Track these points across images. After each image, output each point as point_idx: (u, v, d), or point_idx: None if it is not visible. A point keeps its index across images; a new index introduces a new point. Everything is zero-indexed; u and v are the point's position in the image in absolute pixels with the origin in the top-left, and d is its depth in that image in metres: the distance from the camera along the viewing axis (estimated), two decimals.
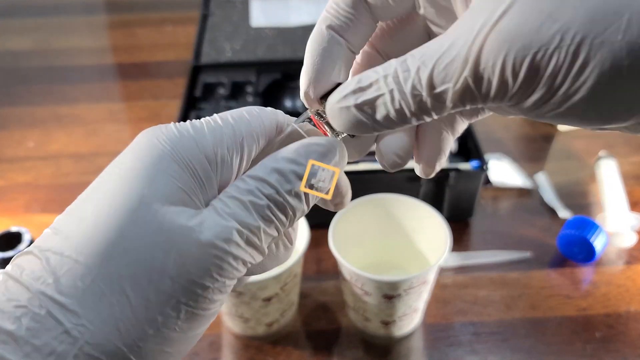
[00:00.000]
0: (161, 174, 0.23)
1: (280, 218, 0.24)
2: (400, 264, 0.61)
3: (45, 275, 0.22)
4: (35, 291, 0.21)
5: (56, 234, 0.23)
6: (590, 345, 0.57)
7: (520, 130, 0.85)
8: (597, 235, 0.62)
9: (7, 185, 0.77)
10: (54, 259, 0.22)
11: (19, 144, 0.84)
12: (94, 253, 0.22)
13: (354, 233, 0.58)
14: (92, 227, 0.22)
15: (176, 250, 0.22)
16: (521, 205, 0.73)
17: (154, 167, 0.23)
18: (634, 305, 0.60)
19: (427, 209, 0.56)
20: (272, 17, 0.97)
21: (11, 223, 0.70)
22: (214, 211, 0.23)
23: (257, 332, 0.57)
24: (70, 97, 0.93)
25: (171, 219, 0.23)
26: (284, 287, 0.53)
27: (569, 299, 0.61)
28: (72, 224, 0.23)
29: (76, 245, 0.22)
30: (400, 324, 0.56)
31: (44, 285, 0.21)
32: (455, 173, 0.65)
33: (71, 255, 0.22)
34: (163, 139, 0.24)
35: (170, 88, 0.94)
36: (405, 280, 0.50)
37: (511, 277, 0.64)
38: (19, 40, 1.08)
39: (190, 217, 0.23)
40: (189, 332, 0.23)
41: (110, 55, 1.05)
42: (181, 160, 0.24)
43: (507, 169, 0.75)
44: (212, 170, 0.24)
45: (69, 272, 0.21)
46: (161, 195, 0.23)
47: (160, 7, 1.16)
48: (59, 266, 0.22)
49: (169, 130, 0.24)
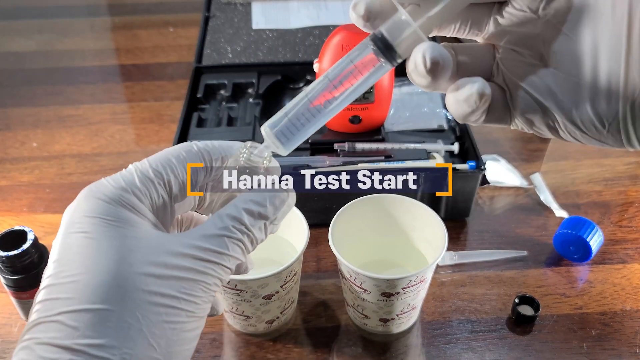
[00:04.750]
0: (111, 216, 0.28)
1: (247, 245, 0.31)
2: (399, 262, 0.62)
3: (69, 331, 0.25)
4: (70, 345, 0.25)
5: (56, 299, 0.26)
6: (586, 343, 0.58)
7: (517, 131, 0.85)
8: (593, 235, 0.63)
9: (11, 185, 0.78)
10: (70, 317, 0.25)
11: (23, 144, 0.85)
12: (107, 298, 0.26)
13: (353, 232, 0.58)
14: (93, 282, 0.26)
15: (163, 270, 0.28)
16: (518, 205, 0.74)
17: (102, 214, 0.28)
18: (629, 304, 0.61)
19: (425, 208, 0.57)
20: (273, 20, 0.98)
21: (15, 222, 0.71)
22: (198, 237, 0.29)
23: (258, 329, 0.58)
24: (73, 98, 0.94)
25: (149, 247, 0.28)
26: (284, 285, 0.54)
27: (565, 297, 0.62)
28: (67, 286, 0.26)
29: (88, 298, 0.26)
30: (398, 322, 0.57)
31: (76, 339, 0.25)
32: (453, 173, 0.65)
33: (87, 307, 0.26)
34: (102, 195, 0.29)
35: (172, 89, 0.95)
36: (404, 278, 0.50)
37: (508, 276, 0.65)
38: (23, 41, 1.09)
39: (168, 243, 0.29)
40: (195, 331, 0.29)
41: (113, 56, 1.06)
42: (123, 206, 0.29)
43: (504, 169, 0.76)
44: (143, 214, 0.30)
45: (92, 320, 0.25)
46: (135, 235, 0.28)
47: (163, 10, 1.17)
48: (80, 319, 0.25)
49: (103, 186, 0.30)
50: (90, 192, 0.29)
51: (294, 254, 0.53)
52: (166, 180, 0.31)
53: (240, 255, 0.30)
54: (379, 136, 0.71)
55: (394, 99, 0.76)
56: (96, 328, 0.25)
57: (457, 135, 0.74)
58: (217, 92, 0.83)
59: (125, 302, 0.26)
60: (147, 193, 0.30)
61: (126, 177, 0.30)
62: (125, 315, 0.26)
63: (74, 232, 0.28)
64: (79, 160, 0.81)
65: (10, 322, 0.61)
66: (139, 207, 0.29)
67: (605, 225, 0.70)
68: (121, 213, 0.28)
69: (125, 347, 0.25)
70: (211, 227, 0.30)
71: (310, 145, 0.70)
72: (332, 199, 0.66)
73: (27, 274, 0.56)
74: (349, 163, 0.67)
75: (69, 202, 0.29)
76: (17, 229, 0.56)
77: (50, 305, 0.26)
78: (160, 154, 0.32)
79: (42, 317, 0.26)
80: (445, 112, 0.77)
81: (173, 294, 0.27)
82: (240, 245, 0.30)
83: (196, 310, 0.29)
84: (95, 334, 0.25)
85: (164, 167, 0.31)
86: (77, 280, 0.26)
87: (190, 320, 0.28)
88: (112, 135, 0.86)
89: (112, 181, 0.30)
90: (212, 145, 0.33)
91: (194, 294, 0.28)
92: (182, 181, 0.31)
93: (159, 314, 0.27)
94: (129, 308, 0.26)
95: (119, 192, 0.29)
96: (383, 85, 0.68)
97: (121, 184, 0.29)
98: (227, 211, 0.30)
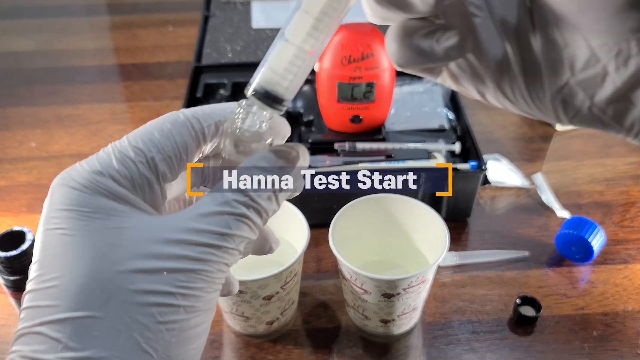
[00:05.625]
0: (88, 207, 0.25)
1: (255, 221, 0.26)
2: (399, 263, 0.62)
3: (52, 343, 0.22)
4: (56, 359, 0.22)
5: (37, 307, 0.23)
6: (588, 344, 0.57)
7: (519, 131, 0.86)
8: (594, 235, 0.63)
9: (10, 185, 0.77)
10: (52, 327, 0.23)
11: (22, 144, 0.84)
12: (89, 303, 0.23)
13: (353, 232, 0.58)
14: (73, 286, 0.23)
15: (153, 263, 0.24)
16: (519, 205, 0.73)
17: (77, 205, 0.25)
18: (631, 304, 0.61)
19: (425, 208, 0.56)
20: (273, 19, 0.98)
21: (14, 223, 0.71)
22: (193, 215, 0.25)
23: (258, 330, 0.58)
24: (72, 97, 0.94)
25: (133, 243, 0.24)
26: (284, 286, 0.54)
27: (567, 298, 0.62)
28: (47, 292, 0.24)
29: (68, 305, 0.23)
30: (399, 323, 0.56)
31: (59, 352, 0.22)
32: (454, 173, 0.65)
33: (69, 316, 0.23)
34: (75, 183, 0.26)
35: (171, 89, 0.95)
36: (404, 279, 0.50)
37: (509, 276, 0.64)
38: (22, 41, 1.09)
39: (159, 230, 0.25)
40: (202, 326, 0.25)
41: (113, 56, 1.06)
42: (101, 193, 0.25)
43: (505, 169, 0.76)
44: (137, 194, 0.26)
45: (75, 330, 0.22)
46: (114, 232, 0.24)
47: (162, 9, 1.17)
48: (62, 330, 0.23)
49: (76, 171, 0.26)
50: (62, 180, 0.26)
51: (294, 255, 0.53)
52: (149, 157, 0.26)
53: (248, 233, 0.26)
54: (380, 136, 0.71)
55: (395, 99, 0.76)
56: (80, 339, 0.22)
57: (459, 135, 0.73)
58: (217, 92, 0.82)
59: (111, 306, 0.23)
60: (127, 175, 0.26)
61: (102, 159, 0.26)
62: (112, 322, 0.23)
63: (51, 228, 0.25)
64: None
65: (10, 322, 0.61)
66: (119, 193, 0.25)
67: (607, 225, 0.70)
68: (99, 202, 0.25)
69: (115, 358, 0.22)
70: (209, 204, 0.25)
71: (311, 145, 0.70)
72: (332, 199, 0.65)
73: (26, 274, 0.55)
74: (349, 163, 0.67)
75: None
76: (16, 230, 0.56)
77: (33, 313, 0.23)
78: (141, 128, 0.27)
79: (25, 327, 0.23)
80: (447, 111, 0.76)
81: (166, 290, 0.23)
82: (247, 221, 0.26)
83: (197, 304, 0.24)
84: (79, 346, 0.22)
85: (145, 144, 0.26)
86: (56, 285, 0.23)
87: (191, 316, 0.24)
88: (111, 135, 0.86)
89: (86, 165, 0.26)
90: (202, 111, 0.28)
91: (192, 287, 0.24)
92: (169, 157, 0.27)
93: (152, 315, 0.23)
94: (116, 312, 0.23)
95: (94, 178, 0.25)
96: (384, 85, 0.68)
97: (96, 167, 0.26)
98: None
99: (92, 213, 0.24)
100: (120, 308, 0.23)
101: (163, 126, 0.27)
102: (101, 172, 0.26)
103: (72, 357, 0.22)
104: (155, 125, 0.27)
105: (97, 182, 0.25)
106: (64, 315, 0.23)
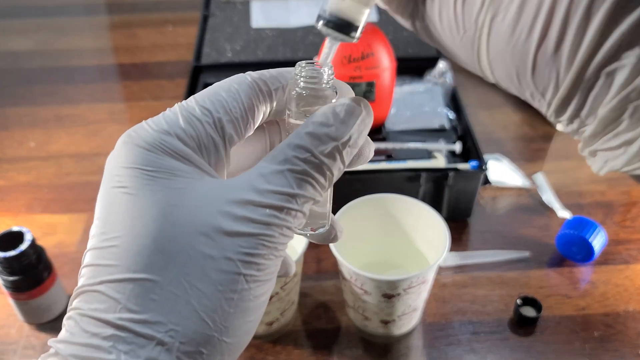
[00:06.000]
0: (153, 167, 0.24)
1: (319, 180, 0.25)
2: (400, 263, 0.62)
3: (111, 303, 0.22)
4: (113, 320, 0.22)
5: (98, 265, 0.23)
6: (589, 344, 0.57)
7: (519, 131, 0.85)
8: (595, 235, 0.63)
9: (9, 185, 0.77)
10: (112, 287, 0.22)
11: (21, 144, 0.84)
12: (149, 265, 0.22)
13: (353, 233, 0.58)
14: (134, 246, 0.23)
15: (218, 231, 0.23)
16: (520, 205, 0.73)
17: (143, 164, 0.24)
18: (632, 305, 0.61)
19: (426, 208, 0.56)
20: (272, 18, 0.97)
21: (12, 223, 0.70)
22: (256, 179, 0.24)
23: (258, 331, 0.58)
24: (71, 97, 0.93)
25: (198, 204, 0.23)
26: (284, 287, 0.53)
27: (568, 298, 0.62)
28: (108, 251, 0.23)
29: (129, 265, 0.22)
30: (399, 323, 0.56)
31: (118, 312, 0.22)
32: (455, 173, 0.65)
33: (129, 277, 0.22)
34: (141, 141, 0.25)
35: (171, 88, 0.95)
36: (405, 279, 0.50)
37: (510, 277, 0.64)
38: (21, 40, 1.09)
39: (225, 196, 0.24)
40: (261, 298, 0.24)
41: (112, 55, 1.06)
42: (169, 153, 0.25)
43: (506, 169, 0.75)
44: (202, 156, 0.25)
45: (134, 291, 0.22)
46: (178, 191, 0.24)
47: (161, 8, 1.17)
48: (122, 290, 0.22)
49: (143, 130, 0.25)
50: (129, 137, 0.25)
51: (294, 255, 0.53)
52: (216, 118, 0.26)
53: (312, 193, 0.24)
54: (380, 136, 0.71)
55: (395, 98, 0.76)
56: (139, 301, 0.22)
57: (459, 134, 0.73)
58: None
59: (170, 270, 0.22)
60: (193, 135, 0.25)
61: (169, 118, 0.26)
62: (170, 286, 0.22)
63: (114, 186, 0.24)
64: (77, 160, 0.81)
65: (9, 323, 0.60)
66: (185, 153, 0.25)
67: (608, 225, 0.69)
68: (163, 161, 0.24)
69: (171, 324, 0.22)
70: (269, 164, 0.24)
71: None
72: (332, 199, 0.65)
73: (25, 274, 0.56)
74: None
75: (68, 202, 0.28)
76: (15, 230, 0.56)
77: (94, 272, 0.23)
78: (209, 89, 0.27)
79: (86, 284, 0.23)
80: (447, 111, 0.76)
81: (227, 256, 0.23)
82: (310, 180, 0.24)
83: (259, 274, 0.23)
84: (138, 308, 0.22)
85: (213, 104, 0.26)
86: (118, 245, 0.23)
87: (252, 286, 0.23)
88: (110, 135, 0.85)
89: (152, 124, 0.25)
90: (270, 74, 0.28)
91: (254, 253, 0.23)
92: (236, 118, 0.26)
93: (211, 283, 0.22)
94: (174, 276, 0.22)
95: (160, 136, 0.25)
96: (384, 84, 0.68)
97: (163, 127, 0.25)
98: (288, 141, 0.25)
99: (155, 172, 0.24)
100: (178, 272, 0.22)
101: (230, 87, 0.27)
102: (168, 131, 0.25)
103: (130, 318, 0.22)
104: (222, 86, 0.27)
105: (163, 141, 0.25)
106: (123, 276, 0.22)
